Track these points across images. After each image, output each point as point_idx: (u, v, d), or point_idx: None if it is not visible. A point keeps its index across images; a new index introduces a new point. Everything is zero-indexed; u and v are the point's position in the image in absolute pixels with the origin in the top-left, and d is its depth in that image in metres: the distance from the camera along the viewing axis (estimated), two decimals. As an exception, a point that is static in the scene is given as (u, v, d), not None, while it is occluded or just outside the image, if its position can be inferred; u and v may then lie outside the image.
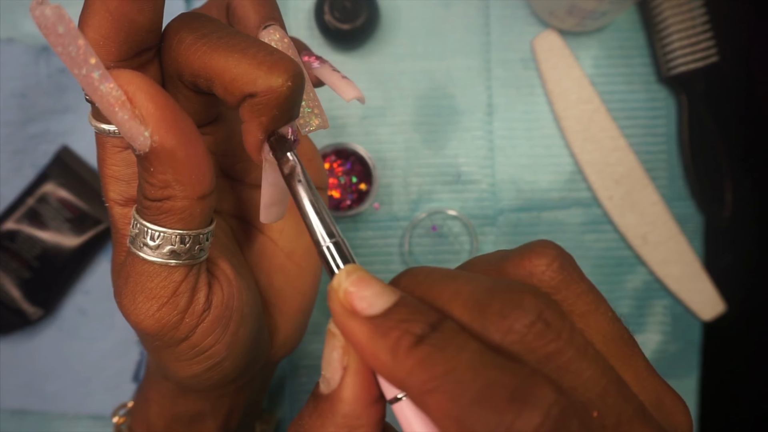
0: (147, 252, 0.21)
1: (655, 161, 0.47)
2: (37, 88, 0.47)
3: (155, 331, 0.23)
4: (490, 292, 0.17)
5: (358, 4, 0.43)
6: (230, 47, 0.20)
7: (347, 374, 0.18)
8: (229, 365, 0.26)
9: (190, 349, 0.24)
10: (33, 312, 0.45)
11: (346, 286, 0.17)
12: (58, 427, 0.47)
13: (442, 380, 0.15)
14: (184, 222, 0.21)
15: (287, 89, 0.20)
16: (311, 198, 0.20)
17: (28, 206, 0.45)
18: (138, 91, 0.19)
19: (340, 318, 0.17)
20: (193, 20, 0.21)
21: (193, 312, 0.23)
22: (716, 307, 0.46)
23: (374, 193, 0.45)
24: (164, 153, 0.19)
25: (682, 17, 0.44)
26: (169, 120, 0.19)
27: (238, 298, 0.25)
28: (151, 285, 0.22)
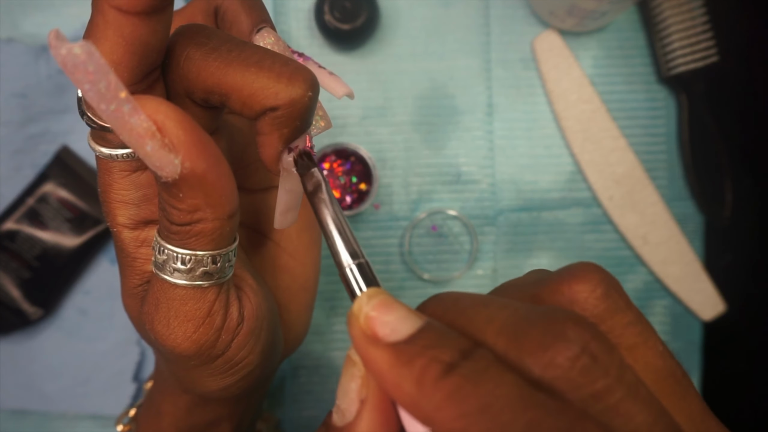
0: (178, 276, 0.21)
1: (655, 161, 0.47)
2: (37, 88, 0.47)
3: (193, 353, 0.22)
4: (528, 319, 0.15)
5: (358, 4, 0.43)
6: (244, 61, 0.20)
7: (365, 408, 0.16)
8: (259, 373, 0.26)
9: (225, 363, 0.24)
10: (33, 312, 0.45)
11: (368, 310, 0.16)
12: (58, 427, 0.47)
13: (476, 418, 0.13)
14: (215, 243, 0.21)
15: (309, 99, 0.20)
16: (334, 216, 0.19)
17: (28, 206, 0.45)
18: (167, 119, 0.18)
19: (361, 344, 0.16)
20: (197, 34, 0.21)
21: (229, 328, 0.23)
22: (716, 307, 0.46)
23: (374, 193, 0.45)
24: (195, 178, 0.19)
25: (682, 17, 0.44)
26: (198, 144, 0.18)
27: (264, 307, 0.25)
28: (186, 308, 0.22)
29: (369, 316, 0.16)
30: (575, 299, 0.16)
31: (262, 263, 0.30)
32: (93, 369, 0.47)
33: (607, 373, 0.14)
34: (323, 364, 0.47)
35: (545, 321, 0.15)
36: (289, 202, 0.23)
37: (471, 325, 0.16)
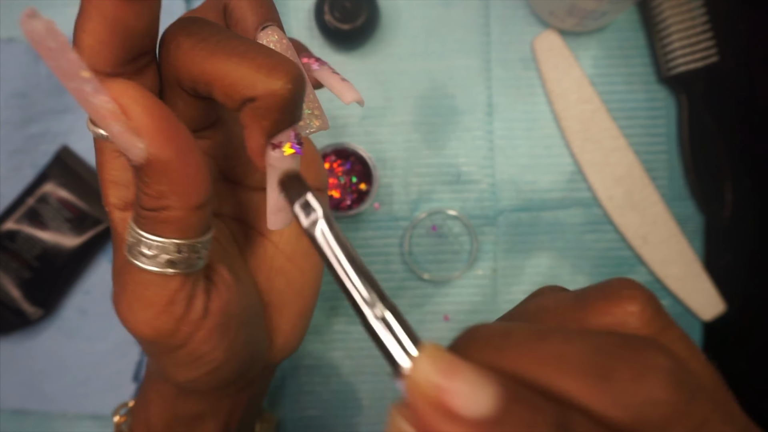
0: (143, 261, 0.21)
1: (655, 161, 0.47)
2: (37, 88, 0.47)
3: (152, 339, 0.23)
4: (606, 351, 0.13)
5: (358, 4, 0.43)
6: (228, 51, 0.20)
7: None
8: (227, 370, 0.26)
9: (188, 355, 0.24)
10: (33, 312, 0.45)
11: (435, 379, 0.13)
12: (58, 427, 0.47)
13: None
14: (180, 232, 0.21)
15: (287, 92, 0.19)
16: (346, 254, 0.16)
17: (28, 206, 0.45)
18: (133, 103, 0.18)
19: (433, 422, 0.13)
20: (190, 24, 0.21)
21: (190, 320, 0.23)
22: (716, 307, 0.46)
23: (374, 193, 0.45)
24: (159, 164, 0.19)
25: (682, 17, 0.44)
26: (164, 131, 0.19)
27: (237, 304, 0.25)
28: (148, 293, 0.22)
29: (438, 386, 0.13)
30: (628, 321, 0.15)
31: (258, 263, 0.30)
32: (93, 369, 0.47)
33: (700, 398, 0.13)
34: (323, 364, 0.47)
35: (629, 351, 0.13)
36: (280, 201, 0.22)
37: (542, 367, 0.14)
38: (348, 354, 0.47)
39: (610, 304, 0.15)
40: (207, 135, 0.27)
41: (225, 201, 0.29)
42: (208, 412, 0.31)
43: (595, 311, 0.16)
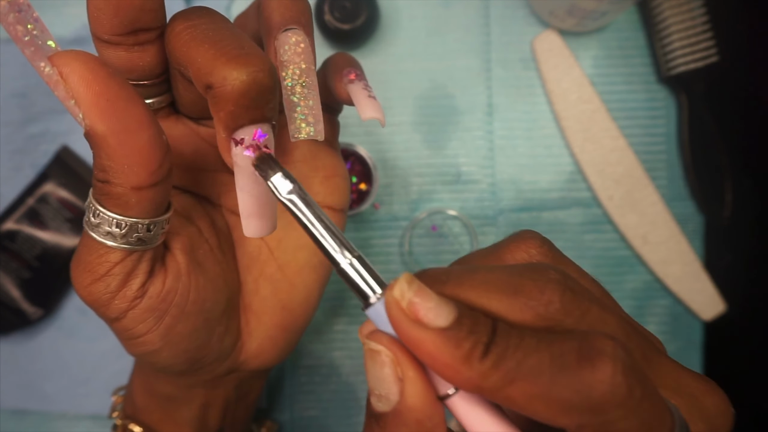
0: (89, 226, 0.22)
1: (655, 161, 0.47)
2: (37, 88, 0.47)
3: (89, 303, 0.23)
4: (517, 274, 0.18)
5: (358, 4, 0.43)
6: (207, 38, 0.20)
7: (407, 383, 0.18)
8: (167, 356, 0.26)
9: (124, 330, 0.24)
10: (33, 312, 0.45)
11: (410, 296, 0.17)
12: (58, 427, 0.47)
13: (516, 371, 0.17)
14: (119, 208, 0.21)
15: (241, 83, 0.19)
16: (316, 216, 0.19)
17: (28, 206, 0.45)
18: (72, 73, 0.19)
19: (407, 329, 0.17)
20: (192, 11, 0.22)
21: (124, 296, 0.23)
22: (716, 307, 0.46)
23: (374, 193, 0.45)
24: (96, 138, 0.20)
25: (682, 17, 0.44)
26: (101, 106, 0.19)
27: (182, 294, 0.25)
28: (89, 258, 0.23)
29: (413, 302, 0.17)
30: (531, 255, 0.21)
31: (249, 262, 0.30)
32: (93, 369, 0.47)
33: (583, 297, 0.18)
34: (323, 364, 0.47)
35: (533, 272, 0.18)
36: (249, 205, 0.22)
37: (473, 291, 0.18)
38: (348, 354, 0.47)
39: (518, 246, 0.21)
40: (211, 124, 0.27)
41: (226, 192, 0.29)
42: (180, 398, 0.31)
43: (509, 252, 0.21)
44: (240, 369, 0.30)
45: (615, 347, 0.17)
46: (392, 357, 0.18)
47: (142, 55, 0.22)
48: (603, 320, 0.18)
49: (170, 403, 0.31)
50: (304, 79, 0.23)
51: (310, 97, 0.23)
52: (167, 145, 0.21)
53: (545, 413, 0.17)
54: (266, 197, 0.22)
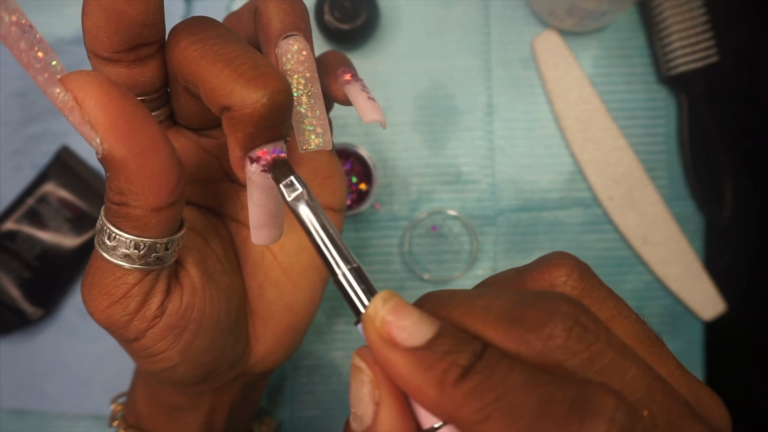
0: (104, 249, 0.21)
1: (655, 161, 0.47)
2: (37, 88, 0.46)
3: (105, 326, 0.23)
4: (523, 303, 0.16)
5: (358, 4, 0.43)
6: (218, 55, 0.20)
7: (381, 409, 0.17)
8: (184, 371, 0.25)
9: (142, 349, 0.24)
10: (33, 312, 0.45)
11: (383, 314, 0.17)
12: (58, 427, 0.47)
13: (495, 407, 0.15)
14: (138, 230, 0.21)
15: (261, 106, 0.19)
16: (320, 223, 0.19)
17: (28, 206, 0.45)
18: (87, 97, 0.18)
19: (378, 349, 0.17)
20: (196, 24, 0.21)
21: (144, 317, 0.23)
22: (716, 307, 0.46)
23: (374, 193, 0.45)
24: (115, 162, 0.19)
25: (682, 17, 0.44)
26: (120, 129, 0.19)
27: (199, 308, 0.24)
28: (105, 281, 0.22)
29: (385, 320, 0.16)
30: (555, 283, 0.18)
31: (253, 269, 0.30)
32: (93, 369, 0.47)
33: (597, 338, 0.16)
34: (323, 364, 0.47)
35: (539, 302, 0.16)
36: (261, 217, 0.22)
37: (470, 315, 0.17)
38: (348, 354, 0.47)
39: (542, 272, 0.18)
40: (213, 135, 0.27)
41: (228, 201, 0.29)
42: (186, 406, 0.31)
43: (531, 278, 0.19)
44: (247, 373, 0.31)
45: (615, 407, 0.15)
46: (372, 378, 0.17)
47: (142, 71, 0.22)
48: (620, 370, 0.16)
49: (176, 411, 0.31)
50: (309, 89, 0.23)
51: (316, 107, 0.23)
52: (181, 162, 0.21)
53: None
54: (277, 208, 0.22)
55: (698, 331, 0.47)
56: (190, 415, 0.31)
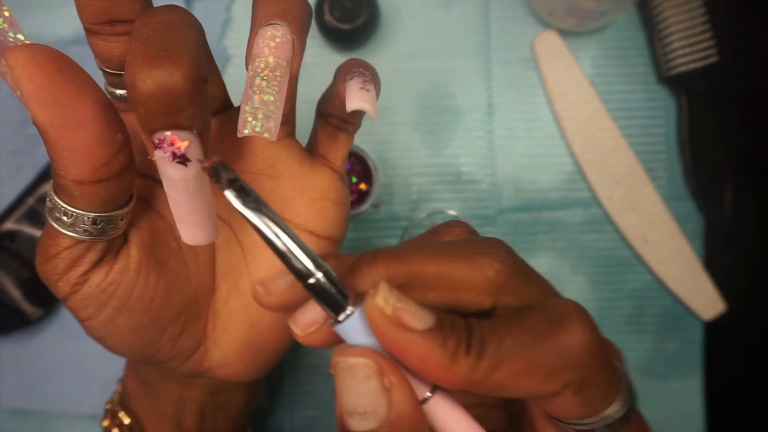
0: (47, 210, 0.22)
1: (655, 161, 0.47)
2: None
3: (41, 278, 0.24)
4: (471, 242, 0.21)
5: (358, 4, 0.43)
6: (143, 35, 0.20)
7: (395, 391, 0.18)
8: (112, 344, 0.26)
9: (71, 312, 0.25)
10: (33, 312, 0.45)
11: (394, 302, 0.18)
12: (58, 427, 0.47)
13: (499, 356, 0.18)
14: (66, 197, 0.21)
15: (144, 86, 0.18)
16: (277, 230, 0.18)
17: (28, 206, 0.45)
18: (16, 65, 0.19)
19: (392, 334, 0.18)
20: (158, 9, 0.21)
21: (68, 280, 0.23)
22: (716, 307, 0.46)
23: (374, 193, 0.45)
24: (38, 129, 0.20)
25: (682, 17, 0.44)
26: (42, 99, 0.19)
27: (125, 287, 0.25)
28: (45, 239, 0.23)
29: (396, 308, 0.18)
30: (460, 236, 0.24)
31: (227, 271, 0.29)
32: (93, 369, 0.47)
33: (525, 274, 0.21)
34: (324, 364, 0.47)
35: (484, 242, 0.21)
36: (175, 212, 0.21)
37: (430, 259, 0.20)
38: (348, 354, 0.47)
39: (448, 230, 0.24)
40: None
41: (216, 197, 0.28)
42: (157, 388, 0.31)
43: (440, 237, 0.24)
44: (207, 375, 0.30)
45: (577, 306, 0.19)
46: (377, 367, 0.18)
47: (117, 46, 0.22)
48: (545, 284, 0.21)
49: (150, 392, 0.32)
50: (267, 73, 0.22)
51: (269, 92, 0.22)
52: (120, 144, 0.21)
53: (533, 385, 0.18)
54: (193, 205, 0.21)
55: (698, 331, 0.47)
56: (162, 401, 0.31)
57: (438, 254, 0.20)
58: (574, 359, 0.18)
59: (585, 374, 0.18)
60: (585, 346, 0.18)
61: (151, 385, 0.31)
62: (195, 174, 0.20)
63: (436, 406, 0.19)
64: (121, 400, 0.33)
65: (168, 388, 0.31)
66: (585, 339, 0.18)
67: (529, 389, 0.18)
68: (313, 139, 0.29)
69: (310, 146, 0.29)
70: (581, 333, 0.18)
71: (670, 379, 0.47)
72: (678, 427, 0.46)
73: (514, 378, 0.18)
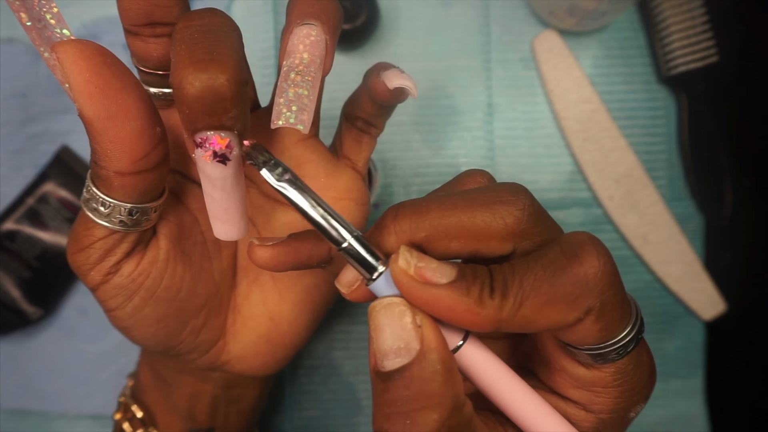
0: (83, 200, 0.23)
1: (655, 161, 0.47)
2: (37, 88, 0.47)
3: (73, 269, 0.25)
4: (492, 189, 0.21)
5: (358, 4, 0.43)
6: (188, 39, 0.21)
7: (425, 328, 0.20)
8: (137, 335, 0.27)
9: (100, 302, 0.25)
10: (33, 312, 0.45)
11: (415, 263, 0.19)
12: (58, 427, 0.47)
13: (522, 293, 0.19)
14: (105, 188, 0.22)
15: (192, 88, 0.19)
16: (314, 201, 0.20)
17: (28, 206, 0.45)
18: (66, 59, 0.20)
19: (418, 291, 0.19)
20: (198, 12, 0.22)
21: (100, 270, 0.24)
22: (716, 307, 0.46)
23: (374, 193, 0.45)
24: (84, 121, 0.21)
25: (682, 17, 0.44)
26: (90, 92, 0.20)
27: (154, 278, 0.25)
28: (78, 229, 0.24)
29: (419, 267, 0.19)
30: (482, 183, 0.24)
31: (248, 265, 0.30)
32: (93, 369, 0.47)
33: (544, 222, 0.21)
34: (323, 364, 0.47)
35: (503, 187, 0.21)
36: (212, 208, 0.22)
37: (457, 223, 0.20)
38: (348, 354, 0.47)
39: (472, 178, 0.24)
40: None
41: None
42: (171, 382, 0.32)
43: (462, 185, 0.24)
44: (224, 369, 0.31)
45: (590, 236, 0.20)
46: (409, 306, 0.20)
47: (156, 47, 0.23)
48: (559, 229, 0.22)
49: (164, 386, 0.32)
50: (301, 68, 0.23)
51: (303, 86, 0.22)
52: (159, 137, 0.22)
53: (557, 315, 0.19)
54: (228, 202, 0.22)
55: (698, 331, 0.47)
56: (175, 394, 0.32)
57: (458, 205, 0.21)
58: (593, 285, 0.19)
59: (604, 299, 0.19)
60: (602, 272, 0.19)
61: (165, 378, 0.32)
62: (233, 173, 0.21)
63: (467, 352, 0.20)
64: (133, 394, 0.34)
65: (183, 381, 0.31)
66: (601, 265, 0.19)
67: (555, 320, 0.19)
68: (338, 141, 0.30)
69: (334, 147, 0.30)
70: (597, 260, 0.19)
71: (671, 379, 0.47)
72: (680, 427, 0.46)
73: (539, 311, 0.19)
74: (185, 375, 0.31)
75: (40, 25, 0.20)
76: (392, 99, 0.26)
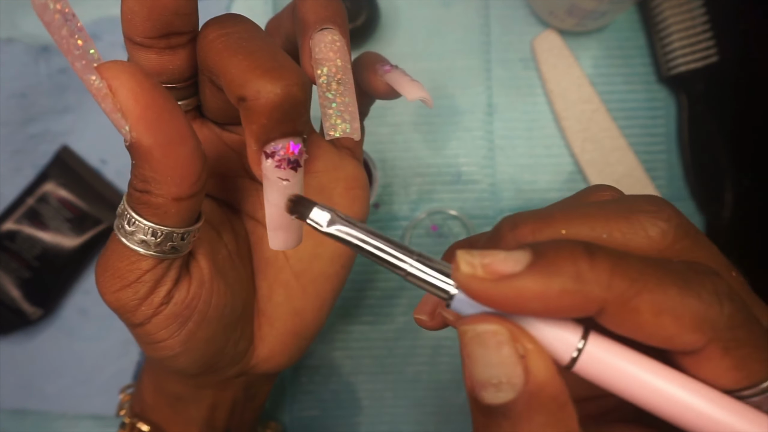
0: (122, 233, 0.22)
1: (655, 161, 0.47)
2: (37, 88, 0.47)
3: (114, 308, 0.23)
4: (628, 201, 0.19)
5: (358, 4, 0.43)
6: (240, 48, 0.20)
7: (531, 358, 0.16)
8: (184, 360, 0.26)
9: (146, 335, 0.24)
10: (33, 312, 0.45)
11: (478, 262, 0.16)
12: (58, 427, 0.47)
13: (640, 281, 0.16)
14: (157, 217, 0.21)
15: (275, 97, 0.19)
16: (364, 234, 0.18)
17: (28, 206, 0.45)
18: (121, 87, 0.19)
19: (495, 291, 0.16)
20: (227, 19, 0.22)
21: (151, 303, 0.23)
22: (716, 307, 0.46)
23: (374, 193, 0.45)
24: (141, 150, 0.20)
25: (682, 17, 0.44)
26: (149, 119, 0.19)
27: (205, 300, 0.25)
28: (119, 265, 0.22)
29: (485, 264, 0.16)
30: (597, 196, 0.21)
31: (265, 268, 0.30)
32: (93, 369, 0.47)
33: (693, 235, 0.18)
34: (324, 364, 0.47)
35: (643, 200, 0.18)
36: (276, 218, 0.22)
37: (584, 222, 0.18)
38: (348, 354, 0.47)
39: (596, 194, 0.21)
40: (236, 131, 0.27)
41: (246, 198, 0.29)
42: (189, 398, 0.31)
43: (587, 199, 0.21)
44: (249, 372, 0.31)
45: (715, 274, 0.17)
46: (508, 333, 0.16)
47: (172, 59, 0.22)
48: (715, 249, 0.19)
49: (179, 403, 0.31)
50: (340, 77, 0.23)
51: (346, 94, 0.23)
52: (205, 156, 0.21)
53: (672, 328, 0.16)
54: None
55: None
56: (193, 408, 0.31)
57: (591, 214, 0.18)
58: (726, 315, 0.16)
59: (736, 335, 0.16)
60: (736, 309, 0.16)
61: (180, 395, 0.31)
62: (302, 177, 0.21)
63: (593, 357, 0.17)
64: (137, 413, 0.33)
65: (204, 394, 0.31)
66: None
67: (666, 331, 0.16)
68: None
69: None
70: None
71: (670, 379, 0.47)
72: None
73: (655, 312, 0.16)
74: (207, 389, 0.31)
75: (79, 52, 0.18)
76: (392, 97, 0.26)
